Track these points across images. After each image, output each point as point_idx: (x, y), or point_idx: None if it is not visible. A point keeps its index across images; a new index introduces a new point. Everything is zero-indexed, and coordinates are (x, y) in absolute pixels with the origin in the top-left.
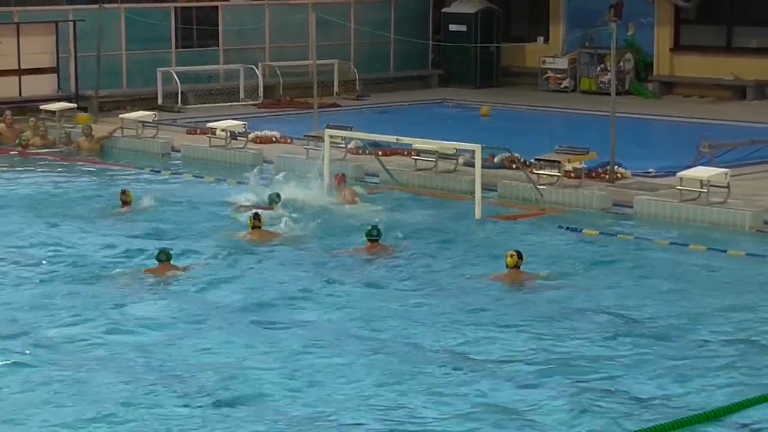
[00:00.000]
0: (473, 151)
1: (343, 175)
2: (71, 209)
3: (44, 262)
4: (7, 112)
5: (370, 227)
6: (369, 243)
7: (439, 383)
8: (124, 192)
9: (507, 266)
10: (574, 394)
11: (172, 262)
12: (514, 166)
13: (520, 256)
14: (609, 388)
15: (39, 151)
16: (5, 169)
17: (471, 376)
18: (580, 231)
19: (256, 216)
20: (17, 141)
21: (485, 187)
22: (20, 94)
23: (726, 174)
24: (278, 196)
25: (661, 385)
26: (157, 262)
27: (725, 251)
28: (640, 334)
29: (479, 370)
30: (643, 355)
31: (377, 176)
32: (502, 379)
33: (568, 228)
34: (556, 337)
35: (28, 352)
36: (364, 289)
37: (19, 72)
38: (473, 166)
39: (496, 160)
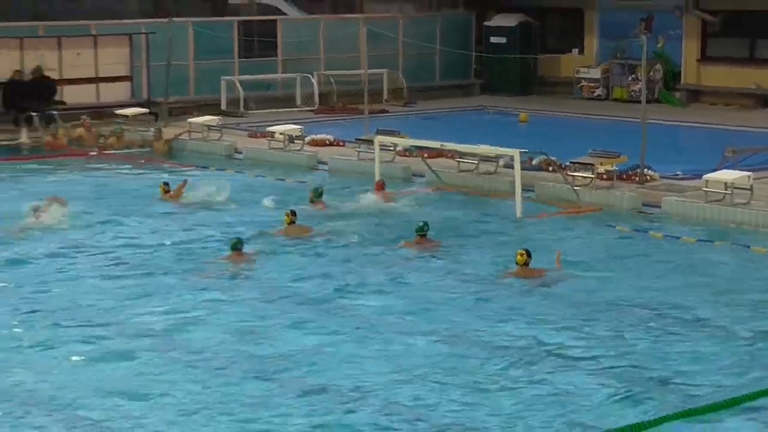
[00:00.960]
0: (512, 154)
1: (383, 182)
2: (145, 204)
3: (126, 253)
4: (86, 118)
5: (421, 223)
6: (418, 237)
7: (483, 371)
8: (165, 183)
9: (516, 263)
10: (607, 382)
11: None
12: (550, 168)
13: (529, 254)
14: (640, 374)
15: (114, 152)
16: (85, 168)
17: (509, 363)
18: (613, 228)
19: (293, 212)
20: (96, 143)
21: (523, 188)
22: (98, 100)
23: (749, 177)
24: (320, 193)
25: (684, 371)
26: (231, 251)
27: (748, 247)
28: (670, 323)
29: (518, 358)
30: (675, 343)
31: (423, 176)
32: (543, 367)
33: (603, 225)
34: (594, 327)
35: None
36: (413, 280)
37: (97, 80)
38: (512, 168)
39: (533, 162)
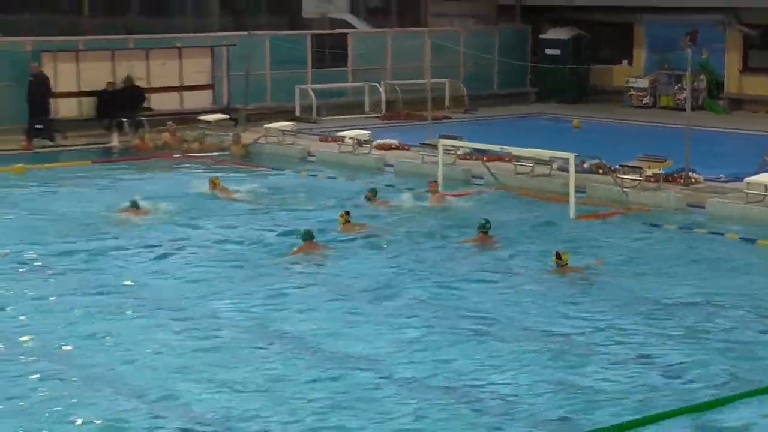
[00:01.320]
0: (566, 158)
1: (436, 182)
2: (222, 202)
3: (207, 246)
4: (171, 123)
5: (483, 221)
6: (481, 234)
7: (538, 360)
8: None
9: (555, 264)
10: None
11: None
12: (601, 171)
13: (559, 256)
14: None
15: (197, 155)
16: (170, 169)
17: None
18: (660, 227)
19: (347, 213)
20: (179, 147)
21: (576, 189)
22: (182, 107)
23: None
24: (375, 192)
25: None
26: (303, 241)
27: None
28: (713, 317)
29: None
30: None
31: (482, 178)
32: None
33: (650, 225)
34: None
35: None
36: (474, 274)
37: (181, 89)
38: (565, 171)
39: (585, 165)
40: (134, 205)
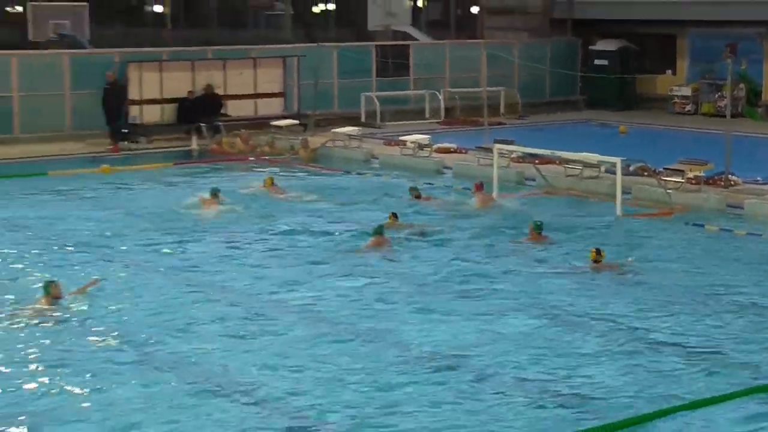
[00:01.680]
0: (613, 162)
1: (482, 183)
2: (291, 202)
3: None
4: (243, 131)
5: (537, 221)
6: (533, 234)
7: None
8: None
9: (591, 260)
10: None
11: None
12: (645, 173)
13: (599, 252)
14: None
15: (268, 158)
16: (244, 172)
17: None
18: (702, 226)
19: (395, 214)
20: (252, 151)
21: (622, 191)
22: (255, 113)
23: None
24: (416, 188)
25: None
26: (373, 235)
27: None
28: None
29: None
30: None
31: (534, 180)
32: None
33: (693, 224)
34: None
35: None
36: (528, 269)
37: (255, 96)
38: (612, 173)
39: (631, 168)
40: (214, 194)
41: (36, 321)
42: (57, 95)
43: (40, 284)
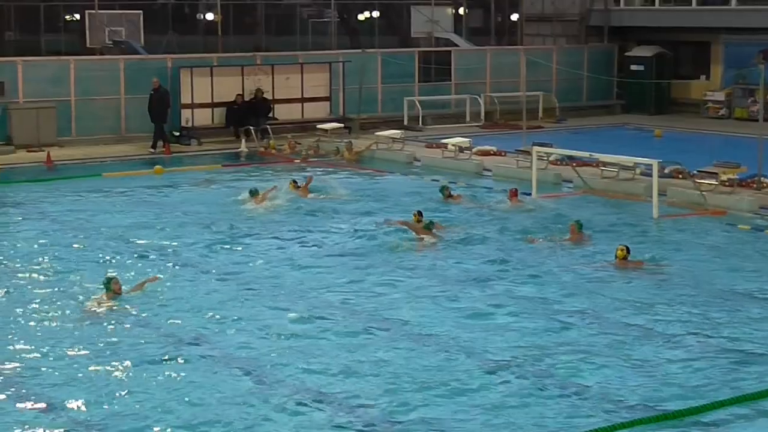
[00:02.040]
0: (649, 164)
1: (517, 189)
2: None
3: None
4: (289, 136)
5: (578, 221)
6: (573, 233)
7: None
8: (295, 181)
9: (616, 257)
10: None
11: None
12: (680, 176)
13: (628, 250)
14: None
15: (314, 160)
16: (292, 173)
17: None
18: (735, 226)
19: (420, 213)
20: (299, 154)
21: (657, 192)
22: (302, 117)
23: None
24: (446, 187)
25: None
26: (425, 228)
27: None
28: None
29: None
30: None
31: (571, 182)
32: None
33: (726, 224)
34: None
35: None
36: (567, 266)
37: (302, 100)
38: (648, 175)
39: (666, 171)
40: (253, 193)
41: (97, 316)
42: (112, 99)
43: (101, 280)
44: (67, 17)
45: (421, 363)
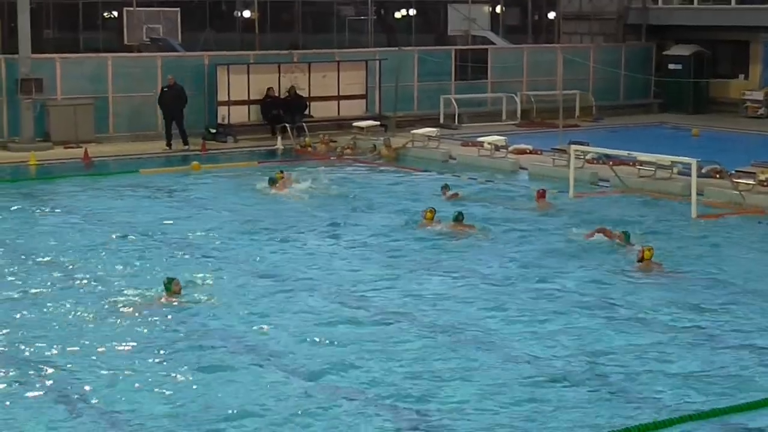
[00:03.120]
0: (686, 163)
1: (545, 190)
2: (374, 199)
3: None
4: (324, 134)
5: (626, 232)
6: (598, 232)
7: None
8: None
9: (642, 258)
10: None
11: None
12: (718, 175)
13: (649, 250)
14: None
15: (351, 157)
16: (329, 171)
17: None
18: None
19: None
20: (335, 151)
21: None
22: (338, 114)
23: None
24: (447, 185)
25: None
26: (453, 221)
27: None
28: None
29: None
30: None
31: (608, 181)
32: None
33: (765, 224)
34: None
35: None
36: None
37: (338, 98)
38: (685, 174)
39: (704, 170)
40: (271, 182)
41: (156, 315)
42: (150, 96)
43: (162, 280)
44: (106, 14)
45: (454, 358)
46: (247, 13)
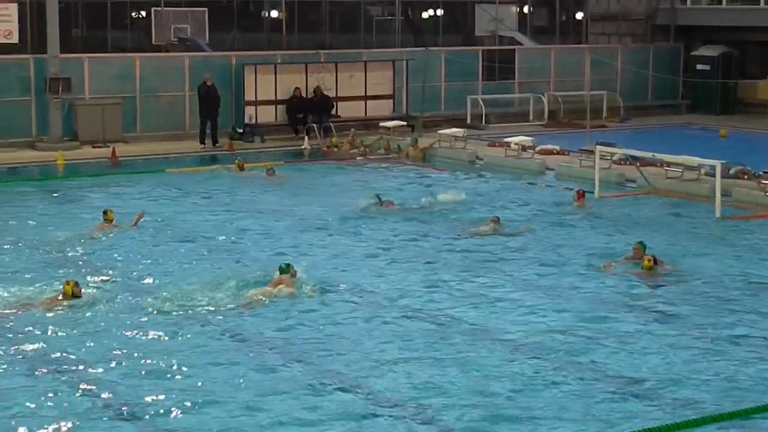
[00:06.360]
0: (713, 164)
1: (584, 191)
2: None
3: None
4: (351, 132)
5: (641, 242)
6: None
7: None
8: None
9: (643, 268)
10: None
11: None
12: (745, 177)
13: (656, 261)
14: None
15: (377, 157)
16: (353, 170)
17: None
18: None
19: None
20: (360, 151)
21: (721, 193)
22: (365, 114)
23: None
24: (378, 196)
25: None
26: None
27: None
28: None
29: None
30: None
31: (635, 182)
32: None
33: None
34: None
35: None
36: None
37: (365, 98)
38: (712, 176)
39: (731, 171)
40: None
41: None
42: (177, 96)
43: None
44: (134, 14)
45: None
46: (274, 13)
